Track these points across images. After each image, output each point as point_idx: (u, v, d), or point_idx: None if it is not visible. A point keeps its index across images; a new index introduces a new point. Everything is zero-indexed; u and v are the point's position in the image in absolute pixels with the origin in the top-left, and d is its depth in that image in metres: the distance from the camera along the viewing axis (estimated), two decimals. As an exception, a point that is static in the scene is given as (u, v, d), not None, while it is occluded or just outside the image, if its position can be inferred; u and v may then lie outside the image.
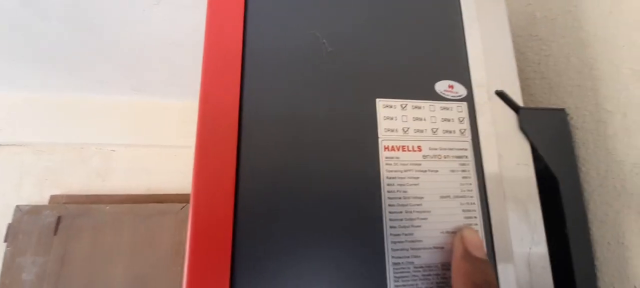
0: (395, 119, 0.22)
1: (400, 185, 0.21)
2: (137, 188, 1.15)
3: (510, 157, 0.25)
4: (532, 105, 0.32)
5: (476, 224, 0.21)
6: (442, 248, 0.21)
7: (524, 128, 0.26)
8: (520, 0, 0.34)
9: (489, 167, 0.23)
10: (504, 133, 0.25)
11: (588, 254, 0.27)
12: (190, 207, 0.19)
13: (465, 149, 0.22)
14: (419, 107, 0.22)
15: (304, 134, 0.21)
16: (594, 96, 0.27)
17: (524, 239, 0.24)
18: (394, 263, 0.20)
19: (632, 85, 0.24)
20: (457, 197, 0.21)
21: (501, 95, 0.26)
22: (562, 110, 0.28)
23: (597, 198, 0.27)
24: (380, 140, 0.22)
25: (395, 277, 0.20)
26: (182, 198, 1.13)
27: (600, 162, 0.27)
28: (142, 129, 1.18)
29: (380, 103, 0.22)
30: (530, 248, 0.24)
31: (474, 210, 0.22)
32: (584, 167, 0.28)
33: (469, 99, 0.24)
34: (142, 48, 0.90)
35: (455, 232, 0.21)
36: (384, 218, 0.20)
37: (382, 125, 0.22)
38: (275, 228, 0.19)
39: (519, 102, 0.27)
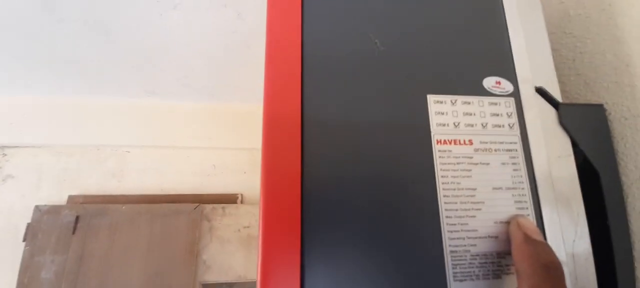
0: (446, 114, 0.23)
1: (454, 177, 0.22)
2: (151, 188, 1.17)
3: (553, 152, 0.26)
4: (567, 102, 0.32)
5: (528, 215, 0.22)
6: (497, 237, 0.21)
7: (563, 123, 0.27)
8: (554, -2, 0.34)
9: (537, 160, 0.23)
10: (546, 128, 0.26)
11: (627, 245, 0.27)
12: (261, 207, 0.20)
13: (515, 143, 0.23)
14: (469, 103, 0.23)
15: (361, 132, 0.22)
16: (631, 91, 0.28)
17: (569, 232, 0.25)
18: (452, 252, 0.21)
19: (673, 80, 0.25)
20: (509, 188, 0.22)
21: (541, 91, 0.27)
22: (600, 106, 0.29)
23: (636, 191, 0.28)
24: (432, 134, 0.23)
25: (453, 264, 0.21)
26: (195, 199, 1.14)
27: (639, 155, 0.27)
28: (156, 131, 1.20)
29: (431, 99, 0.23)
30: (574, 241, 0.25)
31: (526, 202, 0.22)
32: (623, 160, 0.28)
33: (516, 95, 0.24)
34: (156, 51, 0.91)
35: (508, 222, 0.22)
36: (440, 209, 0.21)
37: (434, 120, 0.23)
38: (339, 220, 0.20)
39: (558, 98, 0.28)
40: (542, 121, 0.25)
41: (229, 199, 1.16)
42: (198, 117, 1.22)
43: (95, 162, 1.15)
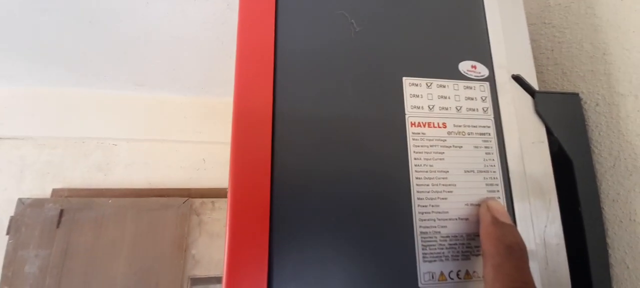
0: (421, 96, 0.23)
1: (427, 159, 0.22)
2: (138, 182, 1.15)
3: (527, 138, 0.26)
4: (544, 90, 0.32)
5: (499, 198, 0.22)
6: (467, 219, 0.21)
7: (539, 111, 0.27)
8: (534, -12, 0.35)
9: (510, 145, 0.24)
10: (521, 115, 0.26)
11: (600, 232, 0.28)
12: (228, 201, 0.20)
13: (488, 127, 0.23)
14: (444, 86, 0.23)
15: (335, 116, 0.22)
16: (606, 80, 0.28)
17: (540, 216, 0.25)
18: (422, 233, 0.21)
19: (645, 67, 0.25)
20: (480, 171, 0.22)
21: (518, 79, 0.27)
22: (575, 95, 0.29)
23: (610, 179, 0.28)
24: (407, 116, 0.22)
25: (423, 245, 0.20)
26: (183, 193, 1.13)
27: (613, 143, 0.28)
28: (143, 124, 1.18)
29: (406, 81, 0.23)
30: (545, 226, 0.25)
31: (497, 185, 0.22)
32: (597, 149, 0.29)
33: (491, 80, 0.24)
34: (144, 42, 0.90)
35: (479, 205, 0.22)
36: (412, 191, 0.21)
37: (409, 102, 0.23)
38: (310, 200, 0.20)
39: (535, 86, 0.28)
40: (517, 107, 0.26)
41: (219, 193, 1.15)
42: (188, 110, 1.20)
43: (81, 155, 1.13)
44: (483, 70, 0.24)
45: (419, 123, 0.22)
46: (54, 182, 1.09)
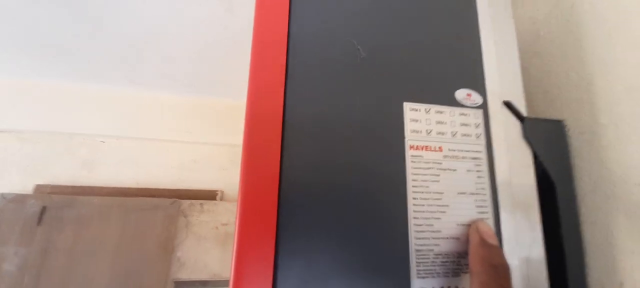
0: (420, 121, 0.24)
1: (423, 181, 0.23)
2: (126, 181, 1.13)
3: (515, 162, 0.28)
4: (532, 116, 0.34)
5: (488, 219, 0.24)
6: (458, 238, 0.23)
7: (527, 136, 0.29)
8: (526, 19, 0.37)
9: (499, 168, 0.25)
10: (510, 139, 0.28)
11: (579, 253, 0.29)
12: (238, 201, 0.20)
13: (480, 152, 0.25)
14: (441, 112, 0.25)
15: (339, 133, 0.23)
16: (590, 109, 0.30)
17: (525, 236, 0.27)
18: (417, 250, 0.22)
19: (625, 100, 0.27)
20: (472, 194, 0.24)
21: (508, 105, 0.29)
22: (560, 122, 0.31)
23: (589, 202, 0.30)
24: (406, 140, 0.24)
25: (417, 262, 0.22)
26: (172, 193, 1.11)
27: (593, 169, 0.30)
28: (133, 121, 1.16)
29: (407, 106, 0.24)
30: (529, 245, 0.27)
31: (487, 207, 0.24)
32: (578, 173, 0.31)
33: (484, 107, 0.26)
34: (138, 39, 0.89)
35: (470, 225, 0.23)
36: (409, 210, 0.22)
37: (409, 126, 0.24)
38: (313, 216, 0.21)
39: (524, 112, 0.30)
40: (507, 133, 0.27)
41: (208, 195, 1.14)
42: (179, 109, 1.19)
43: (66, 151, 1.10)
44: (477, 99, 0.26)
45: (417, 146, 0.23)
46: (37, 178, 1.05)
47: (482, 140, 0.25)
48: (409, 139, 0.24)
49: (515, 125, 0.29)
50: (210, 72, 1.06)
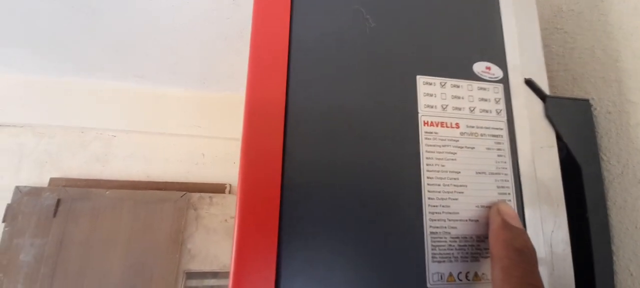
0: (435, 96, 0.23)
1: (439, 159, 0.22)
2: (136, 174, 1.14)
3: (537, 142, 0.26)
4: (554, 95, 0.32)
5: (510, 200, 0.22)
6: (477, 221, 0.21)
7: (549, 116, 0.27)
8: (547, -7, 0.35)
9: (522, 148, 0.23)
10: (533, 118, 0.26)
11: (606, 238, 0.28)
12: (238, 194, 0.19)
13: (501, 129, 0.23)
14: (458, 86, 0.23)
15: (347, 112, 0.21)
16: (617, 87, 0.28)
17: (548, 221, 0.25)
18: (432, 233, 0.20)
19: (658, 75, 0.25)
20: (492, 173, 0.22)
21: (530, 83, 0.27)
22: (586, 101, 0.29)
23: (617, 186, 0.28)
24: (420, 115, 0.22)
25: (432, 245, 0.20)
26: (181, 187, 1.12)
27: (622, 150, 0.28)
28: (143, 116, 1.17)
29: (420, 80, 0.23)
30: (552, 230, 0.25)
31: (508, 188, 0.22)
32: (606, 155, 0.29)
33: (505, 81, 0.24)
34: (145, 34, 0.89)
35: (489, 207, 0.22)
36: (423, 190, 0.21)
37: (422, 101, 0.22)
38: (321, 198, 0.20)
39: (546, 91, 0.28)
40: (529, 111, 0.25)
41: (217, 189, 1.15)
42: (188, 104, 1.20)
43: (79, 145, 1.12)
44: (497, 72, 0.24)
45: (432, 122, 0.22)
46: (52, 171, 1.08)
47: (503, 117, 0.24)
48: (423, 114, 0.22)
49: (537, 103, 0.27)
50: (218, 66, 1.06)
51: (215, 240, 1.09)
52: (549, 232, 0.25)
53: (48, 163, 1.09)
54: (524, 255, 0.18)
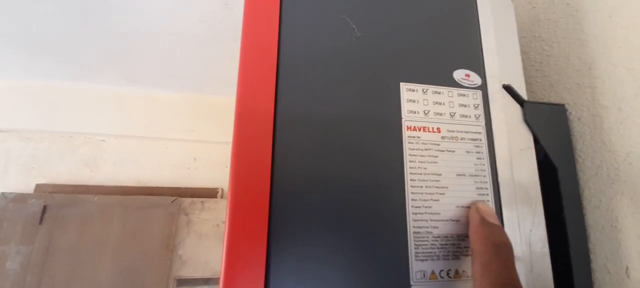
0: (417, 102, 0.24)
1: (421, 162, 0.23)
2: (126, 180, 1.13)
3: (515, 144, 0.27)
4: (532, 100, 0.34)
5: (488, 201, 0.23)
6: (458, 220, 0.22)
7: (527, 120, 0.28)
8: (525, 2, 0.36)
9: (500, 150, 0.25)
10: (510, 123, 0.27)
11: (583, 237, 0.29)
12: (228, 200, 0.20)
13: (479, 133, 0.24)
14: (439, 92, 0.24)
15: (334, 119, 0.22)
16: (591, 93, 0.30)
17: (526, 220, 0.26)
18: (415, 233, 0.21)
19: (627, 82, 0.27)
20: (471, 175, 0.23)
21: (508, 88, 0.29)
22: (562, 106, 0.31)
23: (592, 186, 0.29)
24: (403, 120, 0.23)
25: (415, 245, 0.21)
26: (172, 192, 1.11)
27: (596, 152, 0.29)
28: (133, 120, 1.16)
29: (404, 87, 0.24)
30: (530, 229, 0.26)
31: (487, 189, 0.23)
32: (580, 157, 0.30)
33: (483, 88, 0.26)
34: (137, 37, 0.89)
35: (469, 207, 0.23)
36: (406, 192, 0.22)
37: (405, 107, 0.23)
38: (309, 201, 0.21)
39: (524, 96, 0.29)
40: (507, 115, 0.27)
41: (209, 194, 1.14)
42: (180, 108, 1.19)
43: (67, 150, 1.10)
44: (476, 79, 0.25)
45: (414, 127, 0.23)
46: (39, 177, 1.06)
47: (482, 121, 0.25)
48: (406, 119, 0.23)
49: (515, 108, 0.28)
50: (210, 70, 1.06)
51: (207, 246, 1.08)
52: (527, 231, 0.26)
53: (35, 169, 1.07)
54: (501, 250, 0.19)
